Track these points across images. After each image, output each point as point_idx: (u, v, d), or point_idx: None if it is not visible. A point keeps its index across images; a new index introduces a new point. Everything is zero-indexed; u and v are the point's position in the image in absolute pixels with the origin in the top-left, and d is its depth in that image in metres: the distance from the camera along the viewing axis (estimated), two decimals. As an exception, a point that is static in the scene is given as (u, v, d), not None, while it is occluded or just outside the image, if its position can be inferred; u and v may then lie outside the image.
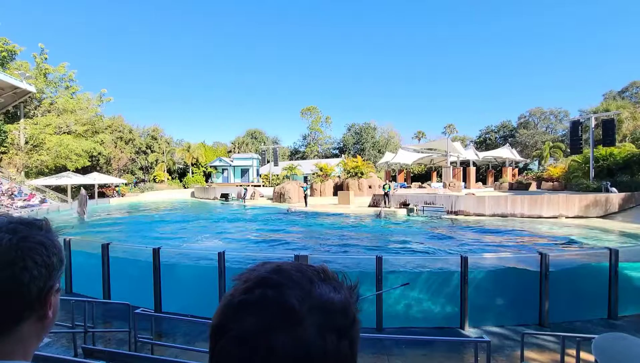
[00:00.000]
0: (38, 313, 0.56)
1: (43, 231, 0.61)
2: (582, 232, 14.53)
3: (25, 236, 0.57)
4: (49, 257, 0.58)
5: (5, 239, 0.54)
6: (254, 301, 0.39)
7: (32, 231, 0.58)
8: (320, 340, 0.38)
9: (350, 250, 11.88)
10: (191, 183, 48.40)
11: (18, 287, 0.53)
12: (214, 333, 0.40)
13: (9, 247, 0.54)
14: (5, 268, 0.53)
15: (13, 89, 29.02)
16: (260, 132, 71.81)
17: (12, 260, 0.53)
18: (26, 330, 0.55)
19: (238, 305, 0.39)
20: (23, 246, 0.55)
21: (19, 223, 0.59)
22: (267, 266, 0.45)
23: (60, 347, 4.85)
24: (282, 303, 0.39)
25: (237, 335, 0.37)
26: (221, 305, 0.42)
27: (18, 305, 0.54)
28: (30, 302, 0.55)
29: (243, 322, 0.38)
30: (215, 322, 0.41)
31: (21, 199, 25.24)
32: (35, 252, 0.56)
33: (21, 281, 0.53)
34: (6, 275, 0.52)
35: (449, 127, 69.28)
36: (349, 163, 32.75)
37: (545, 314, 5.67)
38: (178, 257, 7.84)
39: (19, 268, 0.54)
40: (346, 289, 0.45)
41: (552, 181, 31.74)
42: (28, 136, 32.43)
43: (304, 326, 0.37)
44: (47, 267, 0.57)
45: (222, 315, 0.40)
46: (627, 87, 49.70)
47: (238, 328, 0.38)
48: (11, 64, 33.93)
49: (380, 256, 5.67)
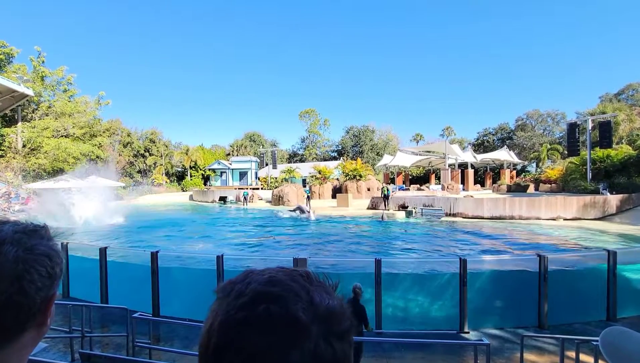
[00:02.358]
0: (38, 321, 0.57)
1: (45, 240, 0.60)
2: (580, 234, 14.57)
3: (30, 247, 0.56)
4: (52, 268, 0.58)
5: (11, 252, 0.54)
6: (258, 318, 0.37)
7: (35, 241, 0.58)
8: (330, 349, 0.37)
9: (349, 252, 11.85)
10: (190, 186, 48.31)
11: (25, 299, 0.54)
12: (215, 353, 0.37)
13: (16, 260, 0.54)
14: (14, 282, 0.53)
15: (10, 92, 28.93)
16: (259, 135, 71.87)
17: (20, 274, 0.53)
18: (25, 340, 0.55)
19: (242, 322, 0.37)
20: (29, 259, 0.55)
21: (23, 232, 0.58)
22: (257, 277, 0.42)
23: (58, 352, 4.81)
24: (289, 318, 0.37)
25: (248, 357, 0.35)
26: (217, 322, 0.38)
27: (23, 316, 0.54)
28: (34, 313, 0.55)
29: (252, 341, 0.36)
30: (215, 340, 0.37)
31: (18, 203, 25.11)
32: (41, 264, 0.56)
33: (28, 293, 0.54)
34: (14, 289, 0.53)
35: (447, 129, 69.53)
36: (347, 165, 32.81)
37: (544, 316, 5.67)
38: (176, 261, 7.82)
39: (27, 282, 0.54)
40: (332, 290, 0.45)
41: (549, 183, 31.87)
42: (25, 140, 32.31)
43: (313, 338, 0.37)
44: (50, 277, 0.57)
45: (222, 333, 0.37)
46: (623, 89, 50.07)
47: (248, 349, 0.35)
48: (9, 67, 33.84)
49: (379, 259, 5.67)
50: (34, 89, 32.12)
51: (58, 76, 36.87)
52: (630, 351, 0.61)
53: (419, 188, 36.48)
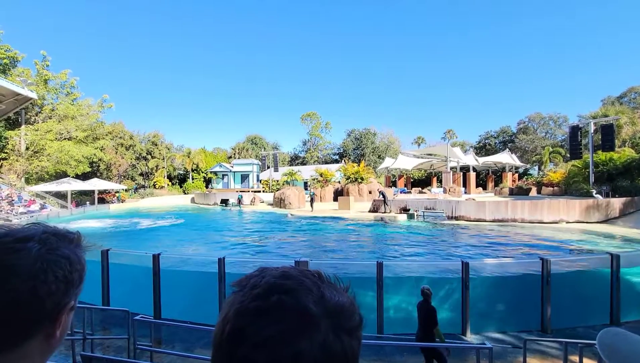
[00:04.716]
0: (46, 331, 0.53)
1: (72, 245, 0.59)
2: (583, 237, 14.50)
3: (53, 247, 0.55)
4: (70, 273, 0.56)
5: (34, 249, 0.52)
6: (271, 307, 0.39)
7: (61, 244, 0.57)
8: (339, 342, 0.39)
9: (351, 255, 11.83)
10: (191, 189, 48.39)
11: (34, 300, 0.50)
12: (229, 339, 0.39)
13: (36, 258, 0.52)
14: (27, 280, 0.50)
15: (14, 95, 29.19)
16: (261, 138, 72.03)
17: (36, 272, 0.51)
18: (30, 349, 0.51)
19: (255, 311, 0.39)
20: (49, 259, 0.53)
21: (52, 234, 0.57)
22: (271, 272, 0.45)
23: (59, 354, 4.79)
24: (300, 309, 0.39)
25: (260, 342, 0.37)
26: (232, 310, 0.41)
27: (29, 319, 0.51)
28: (41, 318, 0.52)
29: (264, 329, 0.37)
30: (230, 327, 0.39)
31: (21, 205, 25.21)
32: (59, 266, 0.54)
33: (38, 295, 0.51)
34: (27, 288, 0.50)
35: (449, 132, 69.50)
36: (349, 168, 32.77)
37: (547, 320, 5.63)
38: (178, 263, 7.82)
39: (40, 282, 0.51)
40: (343, 291, 0.46)
41: (552, 186, 31.73)
42: (29, 142, 32.52)
43: (322, 330, 0.39)
44: (66, 283, 0.55)
45: (237, 320, 0.39)
46: (626, 92, 49.93)
47: (260, 335, 0.37)
48: (13, 71, 34.16)
49: (380, 262, 5.66)
50: (37, 92, 32.41)
51: (61, 79, 37.19)
52: (627, 352, 0.61)
53: (420, 191, 36.41)
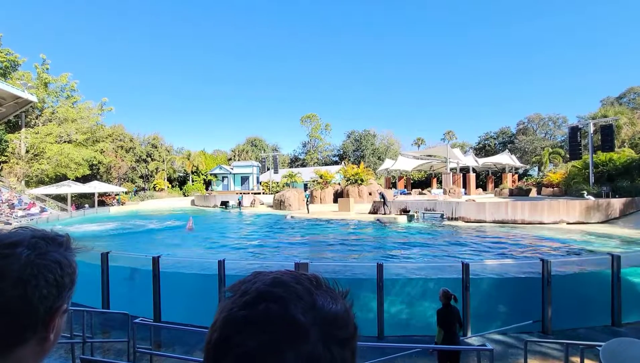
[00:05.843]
0: (40, 335, 0.53)
1: (62, 249, 0.59)
2: (584, 238, 14.47)
3: (42, 252, 0.54)
4: (61, 277, 0.55)
5: (24, 254, 0.52)
6: (258, 316, 0.37)
7: (51, 248, 0.56)
8: (329, 354, 0.37)
9: (351, 256, 11.81)
10: (191, 191, 48.38)
11: (26, 307, 0.50)
12: (215, 348, 0.38)
13: (26, 264, 0.52)
14: (18, 286, 0.50)
15: (15, 98, 29.24)
16: (260, 140, 72.08)
17: (26, 278, 0.51)
18: (24, 353, 0.51)
19: (242, 320, 0.37)
20: (39, 264, 0.53)
21: (41, 238, 0.57)
22: (263, 277, 0.43)
23: (58, 357, 4.78)
24: (287, 318, 0.37)
25: (244, 353, 0.35)
26: (220, 318, 0.39)
27: (22, 325, 0.50)
28: (34, 323, 0.51)
29: (249, 339, 0.36)
30: (217, 335, 0.38)
31: (21, 208, 25.19)
32: (49, 270, 0.54)
33: (30, 300, 0.50)
34: (17, 294, 0.49)
35: (448, 133, 69.63)
36: (349, 170, 32.76)
37: (548, 321, 5.61)
38: (178, 266, 7.81)
39: (31, 287, 0.51)
40: (341, 297, 0.44)
41: (552, 186, 31.74)
42: (29, 145, 32.55)
43: (311, 340, 0.37)
44: (57, 287, 0.54)
45: (224, 328, 0.38)
46: (625, 93, 50.09)
47: (244, 346, 0.36)
48: (13, 74, 34.27)
49: (380, 264, 5.64)
50: (37, 95, 32.47)
51: (62, 82, 37.29)
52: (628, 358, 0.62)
53: (420, 192, 36.44)
